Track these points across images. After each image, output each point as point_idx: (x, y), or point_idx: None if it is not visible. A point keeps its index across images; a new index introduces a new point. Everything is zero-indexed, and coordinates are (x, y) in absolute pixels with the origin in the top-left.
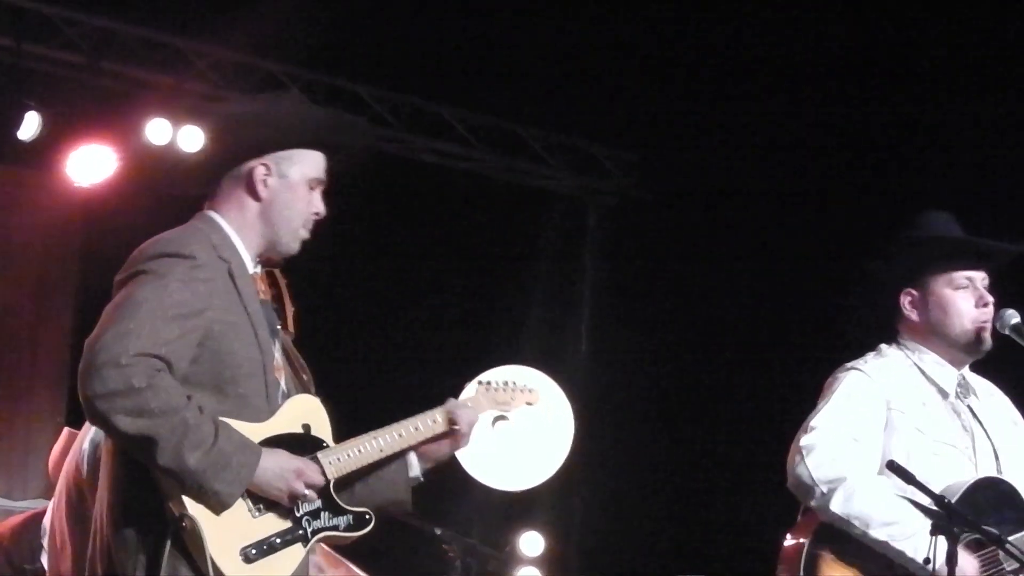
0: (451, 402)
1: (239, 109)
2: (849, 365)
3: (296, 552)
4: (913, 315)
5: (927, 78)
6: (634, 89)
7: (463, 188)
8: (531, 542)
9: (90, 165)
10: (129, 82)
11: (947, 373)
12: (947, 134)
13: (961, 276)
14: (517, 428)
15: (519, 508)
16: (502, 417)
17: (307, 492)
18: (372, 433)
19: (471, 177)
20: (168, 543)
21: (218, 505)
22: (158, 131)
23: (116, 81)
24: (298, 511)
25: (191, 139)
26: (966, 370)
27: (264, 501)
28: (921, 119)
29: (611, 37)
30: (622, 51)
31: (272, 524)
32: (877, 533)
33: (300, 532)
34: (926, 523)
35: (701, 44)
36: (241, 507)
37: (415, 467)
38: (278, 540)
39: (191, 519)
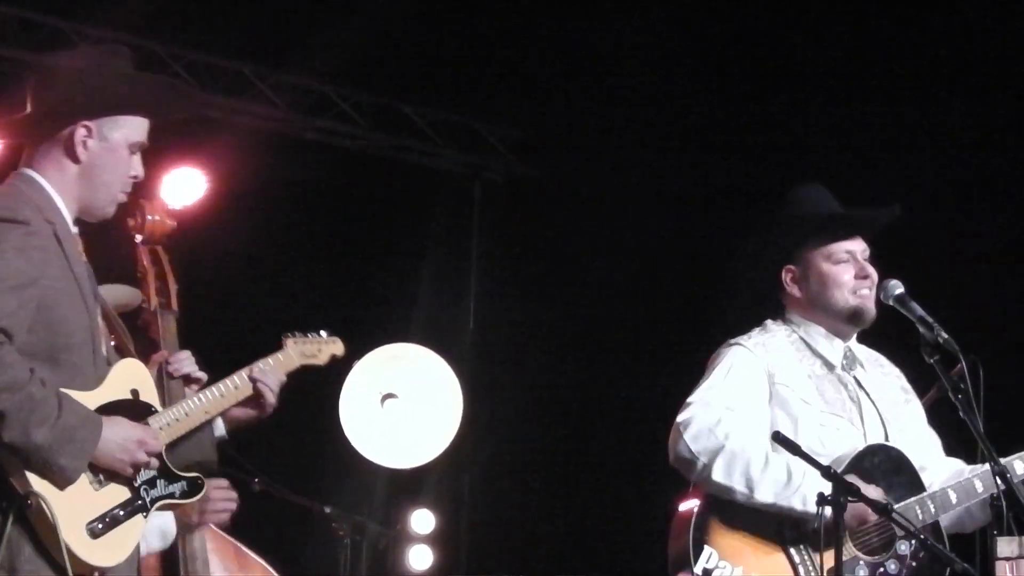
0: (256, 365)
1: (62, 64)
2: (732, 341)
3: (138, 523)
4: (795, 291)
5: (798, 65)
6: (519, 66)
7: (348, 167)
8: (422, 520)
9: None
10: (11, 63)
11: (833, 346)
12: (820, 120)
13: (839, 249)
14: (406, 406)
15: (410, 486)
16: (391, 395)
17: (150, 461)
18: (194, 396)
19: (356, 155)
20: (10, 521)
21: (63, 480)
22: None
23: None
24: (136, 481)
25: None
26: (852, 342)
27: (104, 472)
28: (795, 102)
29: (495, 14)
30: (507, 29)
31: (113, 496)
32: (762, 495)
33: (140, 502)
34: (807, 474)
35: (585, 23)
36: (83, 480)
37: (219, 427)
38: (121, 512)
39: (37, 496)
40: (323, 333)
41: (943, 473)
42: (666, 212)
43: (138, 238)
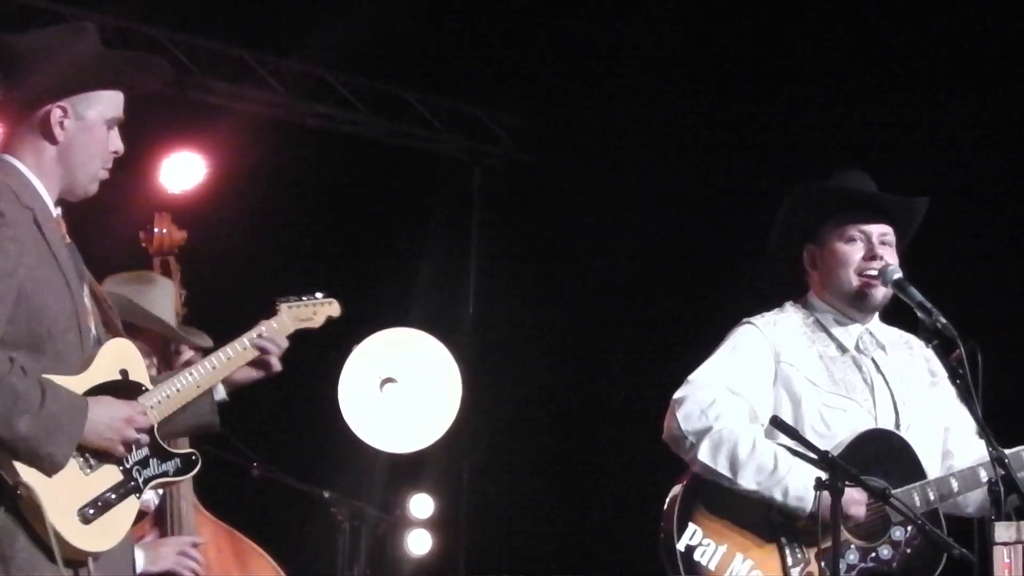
0: (259, 327)
1: (26, 46)
2: (745, 320)
3: (131, 505)
4: (812, 270)
5: (797, 65)
6: (519, 52)
7: (348, 152)
8: (421, 505)
9: None
10: None
11: (848, 330)
12: (820, 120)
13: (853, 229)
14: (405, 390)
15: (409, 471)
16: (390, 380)
17: (139, 437)
18: (186, 369)
19: (356, 141)
20: (2, 511)
21: (51, 468)
22: None
23: None
24: (128, 462)
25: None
26: (874, 324)
27: (95, 455)
28: (794, 102)
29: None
30: (508, 14)
31: (105, 479)
32: (745, 482)
33: (132, 483)
34: (794, 466)
35: (587, 13)
36: (72, 465)
37: (220, 390)
38: (113, 496)
39: (26, 486)
40: (319, 295)
41: (970, 456)
42: (667, 200)
43: (149, 250)
